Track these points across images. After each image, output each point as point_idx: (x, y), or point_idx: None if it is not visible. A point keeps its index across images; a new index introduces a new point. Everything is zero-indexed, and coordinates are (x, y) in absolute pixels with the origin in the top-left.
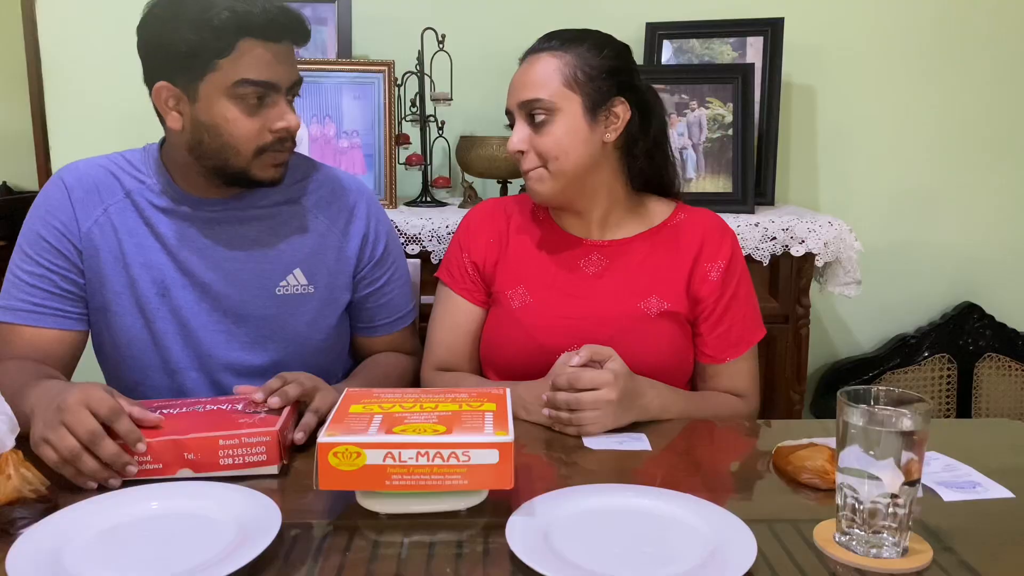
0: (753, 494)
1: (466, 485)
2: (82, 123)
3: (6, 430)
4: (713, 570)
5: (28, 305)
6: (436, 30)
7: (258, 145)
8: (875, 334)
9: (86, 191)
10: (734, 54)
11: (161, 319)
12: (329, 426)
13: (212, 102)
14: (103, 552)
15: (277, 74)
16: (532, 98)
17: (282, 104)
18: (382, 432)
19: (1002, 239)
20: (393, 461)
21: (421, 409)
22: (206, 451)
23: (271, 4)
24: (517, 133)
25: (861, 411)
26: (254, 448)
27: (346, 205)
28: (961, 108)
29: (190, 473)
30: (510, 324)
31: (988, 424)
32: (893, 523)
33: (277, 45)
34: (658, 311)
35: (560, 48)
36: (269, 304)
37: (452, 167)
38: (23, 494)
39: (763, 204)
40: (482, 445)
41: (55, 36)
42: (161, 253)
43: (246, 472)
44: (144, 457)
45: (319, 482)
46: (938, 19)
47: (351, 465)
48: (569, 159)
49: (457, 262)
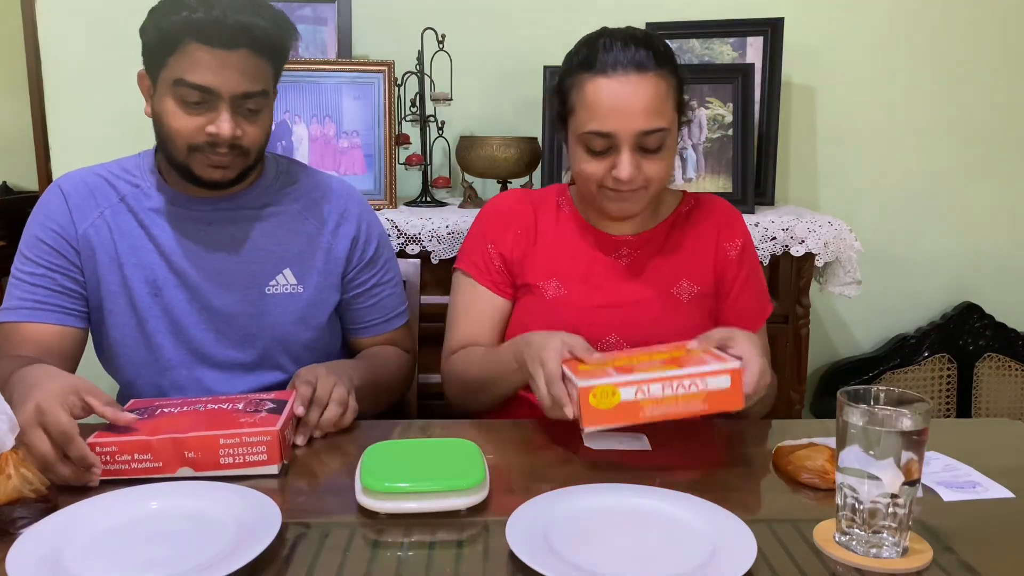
0: (753, 494)
1: (706, 409)
2: (82, 123)
3: (6, 430)
4: (713, 570)
5: (30, 303)
6: (436, 30)
7: (190, 143)
8: (875, 334)
9: (82, 197)
10: (734, 54)
11: (153, 318)
12: (577, 376)
13: (162, 94)
14: (103, 552)
15: (217, 80)
16: (655, 128)
17: (220, 110)
18: (626, 374)
19: (1002, 239)
20: (643, 395)
21: (641, 360)
22: (206, 450)
23: (227, 11)
24: (630, 162)
25: (861, 411)
26: (255, 448)
27: (336, 207)
28: (961, 108)
29: (190, 472)
30: (545, 314)
31: (988, 424)
32: (893, 523)
33: (225, 52)
34: (689, 295)
35: (661, 65)
36: (259, 303)
37: (452, 167)
38: (23, 494)
39: (763, 204)
40: (717, 372)
41: (55, 36)
42: (154, 254)
43: (246, 471)
44: (144, 455)
45: (584, 421)
46: (938, 19)
47: (608, 403)
48: (666, 179)
49: (482, 253)
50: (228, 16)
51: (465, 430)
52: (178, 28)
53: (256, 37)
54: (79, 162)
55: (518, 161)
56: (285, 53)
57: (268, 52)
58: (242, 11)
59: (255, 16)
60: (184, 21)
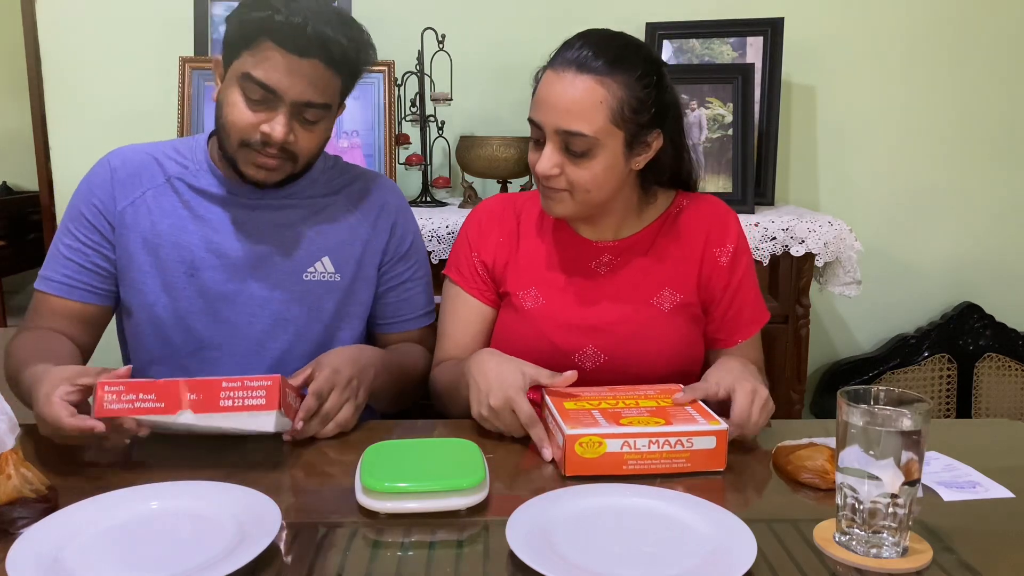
0: (753, 494)
1: (688, 468)
2: (82, 123)
3: (6, 430)
4: (713, 570)
5: (61, 276)
6: (436, 30)
7: (242, 138)
8: (875, 334)
9: (128, 174)
10: (734, 54)
11: (187, 299)
12: (565, 422)
13: (228, 85)
14: (103, 552)
15: (282, 84)
16: (574, 131)
17: (279, 112)
18: (613, 424)
19: (1002, 239)
20: (629, 449)
21: (626, 405)
22: (207, 391)
23: (309, 19)
24: (549, 158)
25: (861, 411)
26: (255, 392)
27: (377, 200)
28: (961, 107)
29: (190, 416)
30: (523, 325)
31: (988, 424)
32: (893, 523)
33: (297, 58)
34: (671, 305)
35: (607, 73)
36: (295, 288)
37: (452, 167)
38: (23, 494)
39: (763, 204)
40: (703, 433)
41: (55, 36)
42: (195, 235)
43: (245, 417)
44: (148, 395)
45: (567, 469)
46: (938, 19)
47: (594, 453)
48: (601, 192)
49: (467, 260)
50: (309, 25)
51: (465, 430)
52: (258, 25)
53: (331, 51)
54: (79, 162)
55: (518, 161)
56: (358, 72)
57: (340, 67)
58: (326, 23)
59: (336, 31)
60: (265, 20)
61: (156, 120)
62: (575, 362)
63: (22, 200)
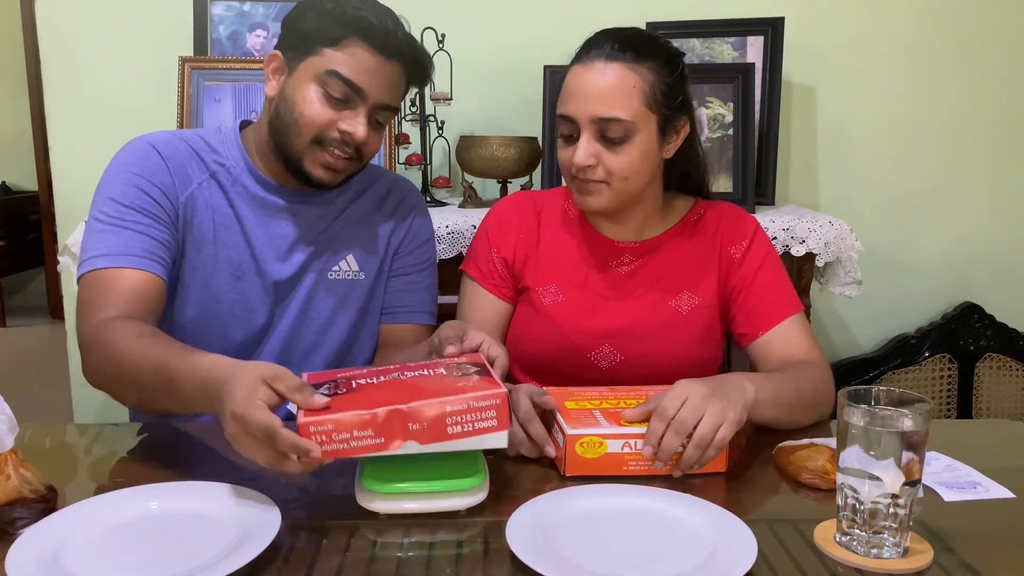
0: (753, 494)
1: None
2: (82, 123)
3: (6, 430)
4: (713, 570)
5: (136, 250)
6: (436, 30)
7: (318, 134)
8: (875, 334)
9: (179, 163)
10: (734, 54)
11: (229, 301)
12: (566, 421)
13: (302, 81)
14: (103, 552)
15: (368, 84)
16: (612, 116)
17: (360, 112)
18: (613, 425)
19: (1002, 239)
20: (630, 449)
21: (627, 405)
22: (432, 419)
23: (395, 25)
24: (586, 148)
25: (861, 411)
26: (484, 413)
27: (396, 197)
28: (961, 108)
29: (415, 447)
30: (541, 322)
31: (988, 424)
32: (894, 523)
33: (384, 60)
34: (689, 308)
35: (636, 61)
36: (321, 287)
37: (452, 167)
38: (23, 494)
39: (763, 204)
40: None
41: (55, 36)
42: (240, 236)
43: (474, 441)
44: (364, 432)
45: (567, 469)
46: (938, 19)
47: (595, 453)
48: (637, 179)
49: (485, 257)
50: (399, 29)
51: None
52: (346, 23)
53: (413, 57)
54: (79, 162)
55: (518, 161)
56: (423, 83)
57: (413, 76)
58: (400, 27)
59: (409, 35)
60: (355, 18)
61: (156, 120)
62: (591, 361)
63: (22, 200)
